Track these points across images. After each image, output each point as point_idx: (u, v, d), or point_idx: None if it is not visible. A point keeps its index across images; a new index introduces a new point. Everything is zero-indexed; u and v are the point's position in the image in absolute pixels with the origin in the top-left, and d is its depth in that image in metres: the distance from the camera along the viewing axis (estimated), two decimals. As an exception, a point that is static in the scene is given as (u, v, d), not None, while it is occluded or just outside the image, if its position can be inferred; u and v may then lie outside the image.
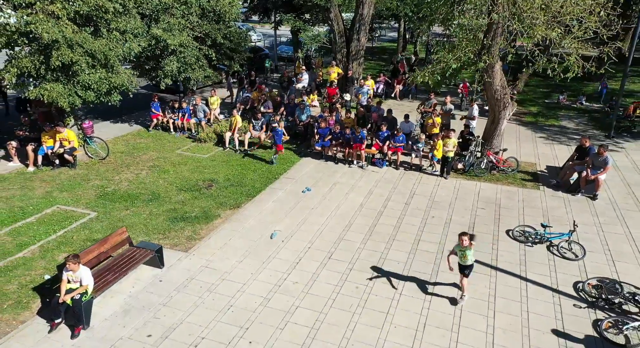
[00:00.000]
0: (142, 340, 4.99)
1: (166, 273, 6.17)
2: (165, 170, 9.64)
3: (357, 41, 16.55)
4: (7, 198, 7.99)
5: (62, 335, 4.98)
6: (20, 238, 6.75)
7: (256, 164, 10.26)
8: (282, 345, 4.96)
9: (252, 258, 6.60)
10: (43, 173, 9.14)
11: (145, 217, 7.61)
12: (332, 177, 9.65)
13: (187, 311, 5.45)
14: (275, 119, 11.50)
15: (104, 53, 8.54)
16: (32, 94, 8.10)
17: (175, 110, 12.31)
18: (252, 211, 8.02)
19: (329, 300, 5.72)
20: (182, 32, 10.85)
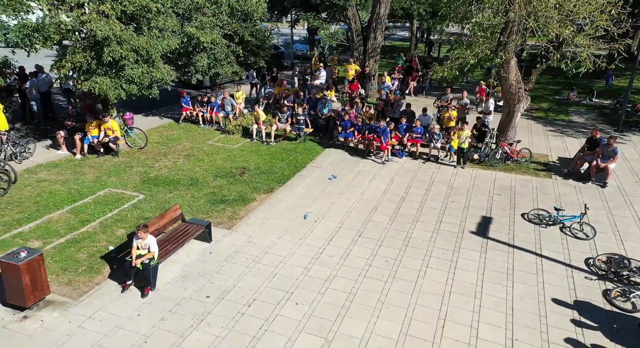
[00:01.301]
0: (202, 300, 5.68)
1: (214, 247, 6.87)
2: (200, 159, 10.39)
3: (374, 39, 17.15)
4: (63, 181, 8.77)
5: (133, 295, 5.70)
6: (81, 216, 7.51)
7: (283, 154, 10.91)
8: (324, 306, 5.62)
9: (289, 235, 7.29)
10: (90, 160, 9.92)
11: (188, 199, 8.33)
12: (355, 166, 10.32)
13: (237, 278, 6.14)
14: (298, 112, 12.19)
15: (146, 49, 9.24)
16: (84, 86, 8.82)
17: (204, 104, 13.08)
18: (284, 195, 8.71)
19: (362, 271, 6.38)
20: (212, 30, 11.53)
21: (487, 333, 5.25)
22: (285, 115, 12.04)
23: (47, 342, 4.85)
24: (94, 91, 8.79)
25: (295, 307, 5.62)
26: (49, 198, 8.04)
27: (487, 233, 7.51)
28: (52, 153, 10.24)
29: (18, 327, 5.06)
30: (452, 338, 5.16)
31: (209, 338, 5.05)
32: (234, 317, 5.38)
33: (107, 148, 10.16)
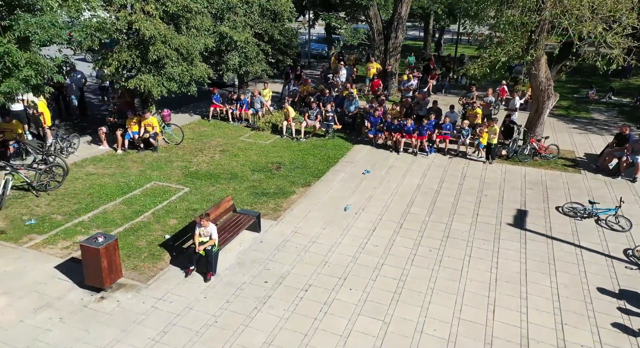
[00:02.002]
0: (261, 285, 5.99)
1: (264, 236, 7.18)
2: (235, 154, 10.71)
3: (395, 38, 17.41)
4: (110, 175, 9.14)
5: (196, 279, 6.02)
6: (133, 207, 7.87)
7: (314, 150, 11.21)
8: (377, 292, 5.90)
9: (333, 226, 7.58)
10: (131, 155, 10.27)
11: (231, 192, 8.63)
12: (385, 161, 10.60)
13: (290, 265, 6.44)
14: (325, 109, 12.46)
15: (187, 48, 9.56)
16: (130, 84, 9.18)
17: (233, 101, 13.40)
18: (321, 189, 9.00)
19: (408, 260, 6.66)
20: (244, 29, 11.84)
21: (537, 318, 5.51)
22: (314, 112, 12.31)
23: (127, 320, 5.19)
24: (139, 88, 9.17)
25: (349, 292, 5.92)
26: (100, 190, 8.41)
27: (524, 225, 7.78)
28: (94, 148, 10.63)
29: (98, 306, 5.41)
30: (504, 323, 5.43)
31: (274, 319, 5.36)
32: (293, 300, 5.71)
33: (146, 143, 10.53)
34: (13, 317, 5.16)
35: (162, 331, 5.08)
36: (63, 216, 7.38)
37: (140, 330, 5.09)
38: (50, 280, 5.83)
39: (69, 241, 6.70)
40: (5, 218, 7.22)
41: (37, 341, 4.85)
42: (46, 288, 5.67)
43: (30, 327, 5.02)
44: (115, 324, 5.14)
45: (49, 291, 5.63)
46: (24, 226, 7.02)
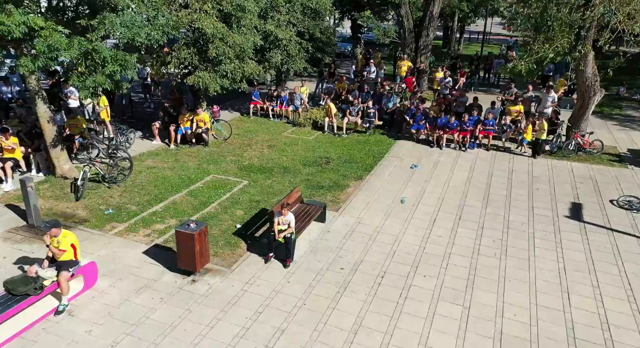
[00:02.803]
0: (338, 271, 6.25)
1: (330, 226, 7.44)
2: (283, 149, 11.01)
3: (426, 37, 17.59)
4: (170, 168, 9.49)
5: (276, 265, 6.31)
6: (199, 198, 8.19)
7: (358, 145, 11.46)
8: (451, 279, 6.09)
9: (394, 217, 7.81)
10: (184, 150, 10.64)
11: (288, 185, 8.93)
12: (430, 157, 10.82)
13: (361, 253, 6.69)
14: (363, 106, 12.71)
15: (240, 46, 9.85)
16: (189, 80, 9.53)
17: (273, 98, 13.71)
18: (374, 182, 9.23)
19: (473, 249, 6.85)
20: (287, 27, 12.11)
21: (612, 305, 5.66)
22: (356, 108, 12.57)
23: (222, 302, 5.48)
24: (195, 85, 9.50)
25: (424, 278, 6.14)
26: (164, 182, 8.75)
27: (581, 217, 7.93)
28: (147, 143, 11.01)
29: (192, 288, 5.73)
30: (581, 309, 5.60)
31: (357, 303, 5.61)
32: (372, 286, 5.95)
33: (198, 138, 10.93)
34: (118, 296, 5.51)
35: (257, 311, 5.37)
36: (137, 207, 7.75)
37: (237, 310, 5.39)
38: (142, 264, 6.17)
39: (149, 229, 7.05)
40: (86, 208, 7.61)
41: (145, 318, 5.17)
42: (140, 271, 6.02)
43: (136, 305, 5.35)
44: (212, 305, 5.46)
45: (144, 274, 5.98)
46: (103, 215, 7.41)
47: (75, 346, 4.72)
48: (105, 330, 4.98)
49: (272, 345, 4.87)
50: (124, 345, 4.79)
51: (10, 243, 6.43)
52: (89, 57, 6.58)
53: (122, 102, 13.05)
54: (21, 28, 5.61)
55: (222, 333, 5.00)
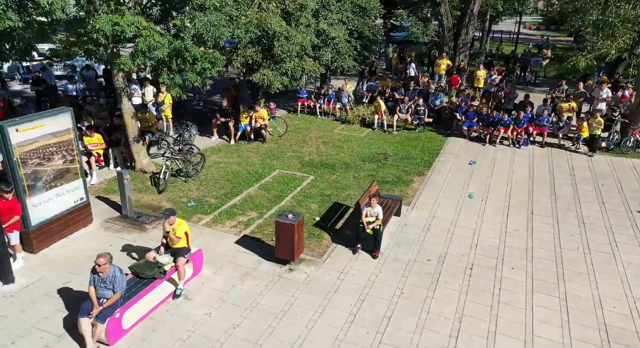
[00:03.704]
0: (425, 262, 6.39)
1: (406, 220, 7.58)
2: (338, 146, 11.19)
3: (466, 35, 17.59)
4: (237, 163, 9.76)
5: (364, 256, 6.47)
6: (272, 192, 8.42)
7: (410, 142, 11.54)
8: (539, 271, 6.13)
9: (466, 212, 7.90)
10: (243, 146, 10.92)
11: (353, 180, 9.11)
12: (486, 153, 10.86)
13: (444, 246, 6.79)
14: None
15: (301, 44, 10.07)
16: (255, 78, 9.79)
17: (321, 96, 13.91)
18: (436, 178, 9.33)
19: (554, 244, 6.87)
20: (338, 25, 12.29)
21: None
22: (406, 106, 12.69)
23: (323, 289, 5.66)
24: (261, 82, 9.75)
25: (512, 271, 6.23)
26: (234, 177, 9.00)
27: (656, 213, 7.97)
28: (206, 140, 11.28)
29: (291, 277, 5.94)
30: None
31: (454, 293, 5.72)
32: (463, 277, 6.07)
33: (256, 134, 11.21)
34: (224, 283, 5.75)
35: (359, 299, 5.55)
36: (215, 199, 8.02)
37: (339, 298, 5.58)
38: (237, 253, 6.41)
39: (233, 221, 7.29)
40: (169, 200, 7.91)
41: (256, 303, 5.40)
42: (237, 260, 6.25)
43: (243, 291, 5.57)
44: (315, 292, 5.66)
45: (241, 262, 6.21)
46: (186, 207, 7.70)
47: (200, 327, 4.98)
48: (222, 313, 5.23)
49: (382, 330, 5.06)
50: (243, 327, 5.03)
51: (112, 232, 6.76)
52: (180, 56, 6.89)
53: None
54: (132, 28, 5.92)
55: (332, 318, 5.19)
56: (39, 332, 4.72)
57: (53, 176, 6.10)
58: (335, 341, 4.87)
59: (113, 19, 5.77)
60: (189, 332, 4.87)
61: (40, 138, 5.81)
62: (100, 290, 4.54)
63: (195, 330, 4.91)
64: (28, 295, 5.30)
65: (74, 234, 6.51)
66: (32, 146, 5.73)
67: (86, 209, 6.68)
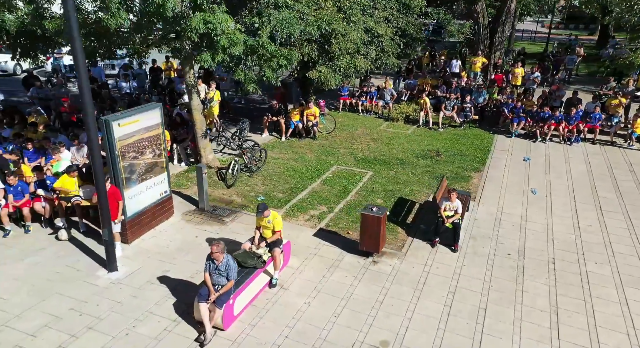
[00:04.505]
0: (506, 256, 6.40)
1: (475, 215, 7.58)
2: (388, 142, 11.25)
3: (502, 33, 17.48)
4: (294, 159, 9.88)
5: (443, 250, 6.50)
6: (335, 187, 8.52)
7: (458, 139, 11.52)
8: (624, 266, 6.07)
9: (533, 207, 7.87)
10: (295, 143, 11.05)
11: (412, 176, 9.15)
12: (537, 150, 10.77)
13: (520, 240, 6.77)
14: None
15: (355, 42, 10.17)
16: (312, 75, 9.93)
17: (363, 94, 14.00)
18: (494, 174, 9.30)
19: (632, 239, 6.80)
20: (383, 23, 12.37)
21: None
22: (451, 103, 12.70)
23: (412, 281, 5.73)
24: (317, 79, 9.89)
25: (596, 265, 6.21)
26: (295, 172, 9.11)
27: None
28: (257, 137, 11.42)
29: (377, 268, 6.03)
30: None
31: (542, 287, 5.72)
32: (547, 271, 6.06)
33: (306, 131, 11.33)
34: (313, 273, 5.88)
35: (450, 292, 5.61)
36: (283, 194, 8.16)
37: (430, 289, 5.65)
38: (318, 245, 6.53)
39: (306, 214, 7.41)
40: (239, 195, 8.09)
41: (350, 293, 5.50)
42: (320, 252, 6.36)
43: (334, 282, 5.68)
44: (404, 284, 5.74)
45: (325, 254, 6.33)
46: (256, 201, 7.85)
47: (303, 315, 5.11)
48: (320, 302, 5.35)
49: (481, 321, 5.12)
50: (344, 315, 5.14)
51: (193, 225, 6.93)
52: (255, 53, 7.04)
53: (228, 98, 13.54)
54: (222, 25, 6.08)
55: (428, 309, 5.25)
56: (155, 317, 4.91)
57: (144, 169, 6.32)
58: (438, 331, 4.94)
59: (205, 17, 5.97)
60: (294, 320, 5.01)
61: (136, 133, 6.03)
62: (215, 277, 4.70)
63: (299, 317, 5.05)
64: (133, 282, 5.51)
65: (159, 226, 6.72)
66: (129, 140, 5.94)
67: (169, 202, 6.89)
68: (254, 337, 4.74)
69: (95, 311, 4.94)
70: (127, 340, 4.58)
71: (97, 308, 4.99)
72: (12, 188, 6.32)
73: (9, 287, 5.31)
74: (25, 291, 5.23)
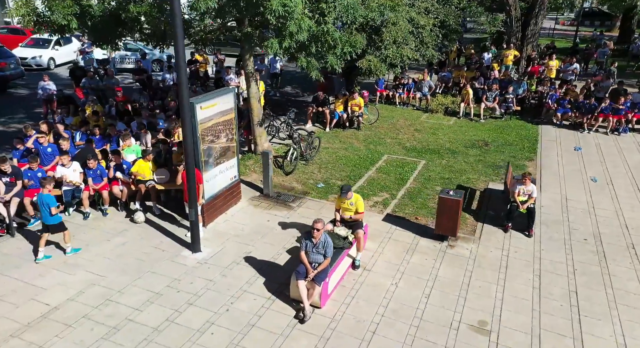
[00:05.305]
0: (582, 241, 6.27)
1: (539, 201, 7.37)
2: (432, 133, 11.17)
3: (534, 25, 17.29)
4: (344, 148, 9.85)
5: (516, 235, 6.40)
6: (391, 176, 8.48)
7: (502, 129, 11.36)
8: None
9: (597, 194, 7.72)
10: (340, 133, 11.01)
11: (466, 165, 9.07)
12: (586, 140, 10.58)
13: (592, 226, 6.65)
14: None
15: (404, 31, 10.14)
16: (361, 64, 9.93)
17: (400, 86, 13.96)
18: (548, 162, 9.16)
19: None
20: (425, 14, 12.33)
21: None
22: (493, 94, 12.60)
23: (493, 265, 5.63)
24: (367, 68, 9.87)
25: (672, 251, 6.16)
26: (347, 161, 9.08)
27: None
28: (300, 127, 11.51)
29: (454, 252, 5.97)
30: None
31: (629, 271, 5.61)
32: (629, 256, 5.92)
33: (349, 122, 11.29)
34: (392, 256, 5.85)
35: (535, 275, 5.53)
36: (341, 181, 8.09)
37: (514, 273, 5.57)
38: (390, 229, 6.49)
39: (369, 201, 7.37)
40: (298, 182, 8.09)
41: (434, 275, 5.45)
42: (395, 236, 6.31)
43: (416, 264, 5.63)
44: (486, 267, 5.68)
45: (399, 238, 6.30)
46: (316, 188, 7.88)
47: (393, 296, 5.08)
48: (406, 283, 5.33)
49: (574, 304, 5.03)
50: (434, 296, 5.11)
51: (262, 210, 6.95)
52: (319, 40, 7.04)
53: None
54: (299, 9, 6.10)
55: (517, 291, 5.18)
56: (250, 294, 4.94)
57: (219, 153, 6.36)
58: (533, 312, 4.89)
59: (283, 0, 5.99)
60: (385, 299, 5.00)
61: (214, 116, 6.06)
62: (312, 255, 4.71)
63: (389, 297, 5.03)
64: (219, 262, 5.54)
65: (229, 210, 6.76)
66: (209, 124, 5.98)
67: (237, 187, 6.93)
68: (350, 315, 4.74)
69: (190, 288, 5.00)
70: (228, 315, 4.62)
71: (192, 285, 5.05)
72: (91, 171, 6.42)
73: (103, 266, 5.42)
74: (119, 270, 5.33)
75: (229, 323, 4.52)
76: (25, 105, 12.69)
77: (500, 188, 8.00)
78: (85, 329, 4.40)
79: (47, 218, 5.33)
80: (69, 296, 4.83)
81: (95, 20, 6.56)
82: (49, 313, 4.60)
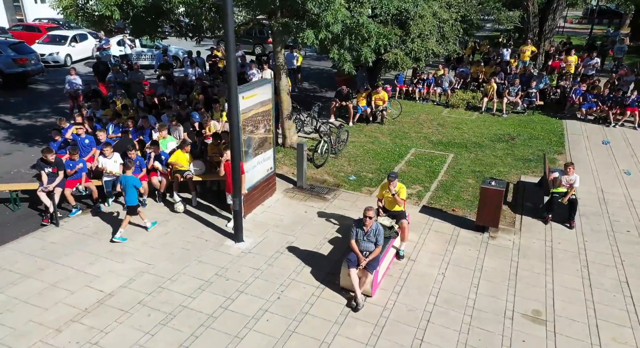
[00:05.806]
0: (625, 233, 6.18)
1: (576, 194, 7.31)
2: (456, 127, 11.10)
3: (552, 21, 17.20)
4: (370, 142, 9.81)
5: (557, 227, 6.32)
6: (422, 168, 8.41)
7: (525, 124, 11.29)
8: None
9: (634, 187, 7.63)
10: (364, 127, 10.96)
11: (495, 158, 9.00)
12: (613, 134, 10.47)
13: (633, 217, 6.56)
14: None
15: (431, 24, 10.08)
16: (388, 57, 9.88)
17: (419, 81, 13.90)
18: (578, 155, 9.07)
19: None
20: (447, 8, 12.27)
21: None
22: (515, 89, 12.51)
23: (538, 256, 5.57)
24: (392, 61, 9.83)
25: None
26: (376, 154, 9.04)
27: None
28: (328, 120, 11.45)
29: (496, 243, 5.90)
30: None
31: (674, 261, 5.62)
32: (672, 246, 5.95)
33: (372, 116, 11.26)
34: (435, 247, 5.80)
35: (582, 266, 5.46)
36: (372, 174, 8.10)
37: (560, 264, 5.51)
38: (429, 221, 6.44)
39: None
40: (330, 174, 8.05)
41: (480, 266, 5.39)
42: (434, 227, 6.26)
43: (460, 255, 5.57)
44: (531, 258, 5.61)
45: (439, 229, 6.24)
46: (348, 180, 7.86)
47: (442, 285, 5.03)
48: (453, 273, 5.28)
49: (628, 294, 4.94)
50: (483, 286, 5.05)
51: (298, 201, 6.93)
52: (352, 32, 7.00)
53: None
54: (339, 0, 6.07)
55: (566, 281, 5.12)
56: (299, 283, 4.93)
57: (257, 144, 6.35)
58: (586, 302, 4.83)
59: (324, -9, 5.97)
60: (435, 289, 4.96)
61: (254, 107, 6.04)
62: (363, 243, 4.67)
63: (438, 287, 4.99)
64: (263, 252, 5.53)
65: (266, 201, 6.75)
66: (249, 114, 5.96)
67: (273, 179, 6.91)
68: (402, 303, 4.70)
69: (239, 277, 4.99)
70: (280, 303, 4.61)
71: (240, 274, 5.04)
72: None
73: (150, 255, 5.44)
74: (166, 258, 5.34)
75: (282, 311, 4.51)
76: (48, 100, 12.80)
77: (532, 180, 7.93)
78: (142, 315, 4.41)
79: (132, 200, 5.50)
80: (121, 284, 4.85)
81: (138, 11, 6.60)
82: (104, 299, 4.62)
